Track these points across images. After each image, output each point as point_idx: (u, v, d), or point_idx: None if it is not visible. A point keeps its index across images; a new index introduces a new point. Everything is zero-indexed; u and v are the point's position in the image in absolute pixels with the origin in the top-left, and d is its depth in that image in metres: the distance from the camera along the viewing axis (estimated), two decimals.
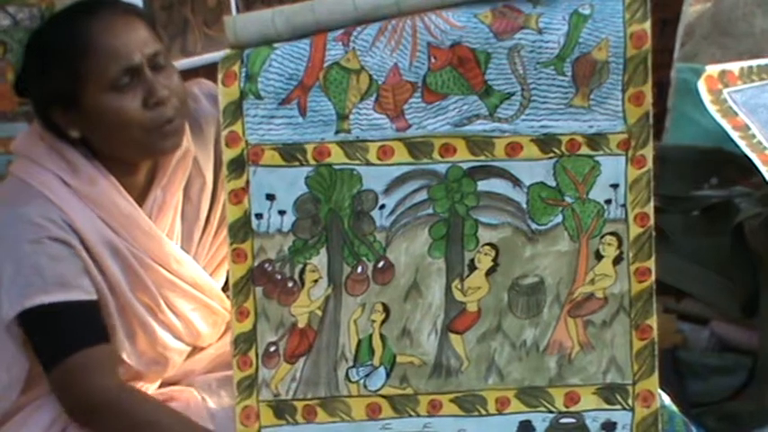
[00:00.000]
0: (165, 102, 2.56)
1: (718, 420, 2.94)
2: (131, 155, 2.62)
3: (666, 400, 2.66)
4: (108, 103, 2.54)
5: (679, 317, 3.22)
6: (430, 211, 2.53)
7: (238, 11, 3.22)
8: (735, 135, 3.08)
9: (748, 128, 3.10)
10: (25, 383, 2.65)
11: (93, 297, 2.59)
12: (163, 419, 2.58)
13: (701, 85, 3.15)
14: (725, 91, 3.15)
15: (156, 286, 2.68)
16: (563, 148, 2.51)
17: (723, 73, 3.19)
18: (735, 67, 3.22)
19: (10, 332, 2.58)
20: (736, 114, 3.11)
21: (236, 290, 2.51)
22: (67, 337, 2.57)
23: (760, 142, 3.07)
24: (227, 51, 2.53)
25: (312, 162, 2.50)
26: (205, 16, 3.20)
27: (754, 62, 3.26)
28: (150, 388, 2.77)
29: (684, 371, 3.09)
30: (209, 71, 2.95)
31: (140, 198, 2.68)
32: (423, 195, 2.52)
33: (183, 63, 3.06)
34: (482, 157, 2.51)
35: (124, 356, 2.67)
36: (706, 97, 3.13)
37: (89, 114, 2.56)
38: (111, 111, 2.54)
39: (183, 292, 2.73)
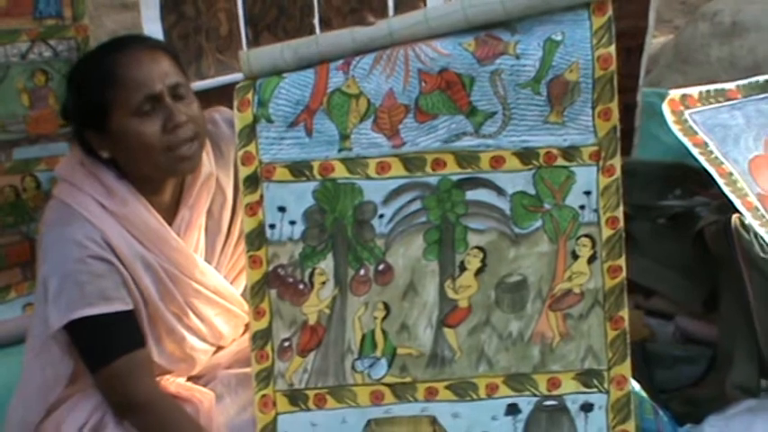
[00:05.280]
0: (182, 125, 2.57)
1: (683, 405, 2.94)
2: (153, 173, 2.63)
3: (637, 387, 2.67)
4: (132, 128, 2.55)
5: (647, 313, 3.21)
6: (424, 219, 2.56)
7: (248, 39, 3.23)
8: (695, 151, 3.05)
9: (707, 145, 3.08)
10: (70, 378, 2.68)
11: (131, 307, 2.61)
12: (187, 429, 2.62)
13: (665, 108, 3.13)
14: (686, 112, 3.14)
15: (184, 295, 2.70)
16: (541, 160, 2.54)
17: (684, 96, 3.17)
18: (694, 91, 3.20)
19: (56, 338, 2.62)
20: (696, 133, 3.09)
21: (253, 292, 2.55)
22: (111, 343, 2.59)
23: (717, 157, 3.06)
24: (237, 75, 2.57)
25: (318, 177, 2.53)
26: (217, 44, 3.21)
27: (711, 87, 3.24)
28: (178, 380, 2.80)
29: (652, 361, 3.07)
30: (221, 92, 2.97)
31: (168, 216, 2.70)
32: (417, 205, 2.55)
33: (197, 85, 3.05)
34: (469, 170, 2.54)
35: (155, 358, 2.70)
36: (669, 118, 3.11)
37: (116, 137, 2.57)
38: (135, 134, 2.55)
39: (207, 299, 2.75)
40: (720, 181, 3.04)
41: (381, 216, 2.55)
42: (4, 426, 2.75)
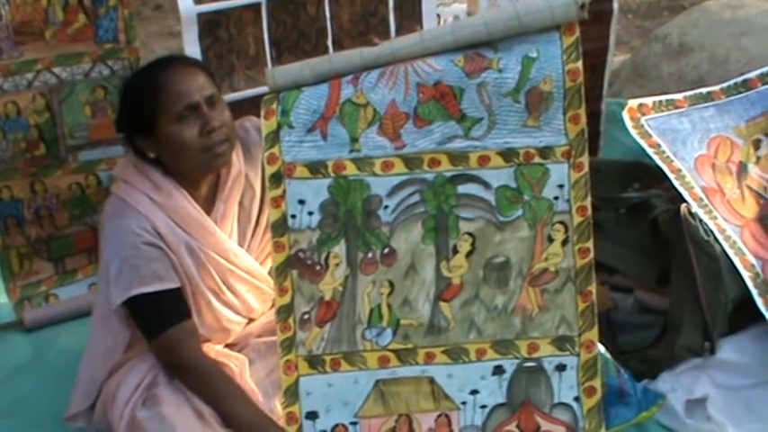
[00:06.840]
0: (216, 130, 2.56)
1: (640, 364, 2.91)
2: (192, 170, 2.62)
3: (602, 349, 2.63)
4: (175, 132, 2.55)
5: (611, 288, 3.19)
6: (422, 209, 2.51)
7: (272, 58, 3.22)
8: (650, 151, 3.07)
9: (660, 146, 3.09)
10: (128, 345, 2.68)
11: (179, 285, 2.60)
12: (230, 390, 2.58)
13: (625, 115, 3.14)
14: (642, 119, 3.14)
15: (219, 274, 2.68)
16: (521, 159, 2.49)
17: (641, 105, 3.18)
18: (649, 101, 3.20)
19: (116, 312, 2.61)
20: (651, 136, 3.10)
21: (278, 273, 2.51)
22: (163, 316, 2.58)
23: (668, 156, 3.07)
24: (263, 88, 2.54)
25: (332, 175, 2.49)
26: (246, 62, 3.20)
27: (663, 97, 3.24)
28: (217, 347, 2.78)
29: (615, 327, 3.06)
30: (250, 103, 2.97)
31: (206, 208, 2.68)
32: (416, 198, 2.51)
33: (230, 97, 3.05)
34: (460, 167, 2.49)
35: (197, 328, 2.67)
36: (629, 123, 3.12)
37: (162, 140, 2.57)
38: (177, 137, 2.55)
39: (239, 278, 2.73)
40: (671, 176, 3.06)
41: (386, 207, 2.51)
42: (77, 381, 2.77)
